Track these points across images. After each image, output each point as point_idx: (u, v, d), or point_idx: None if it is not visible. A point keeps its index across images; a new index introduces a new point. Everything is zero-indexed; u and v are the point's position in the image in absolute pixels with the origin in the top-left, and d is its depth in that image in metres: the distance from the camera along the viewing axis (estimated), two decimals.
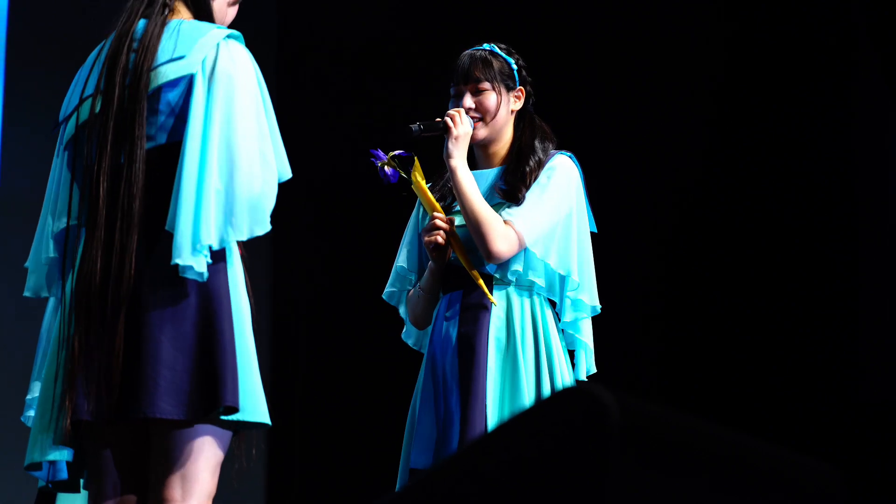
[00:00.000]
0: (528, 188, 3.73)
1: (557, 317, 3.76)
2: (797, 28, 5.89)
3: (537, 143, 3.81)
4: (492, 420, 3.59)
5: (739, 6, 6.03)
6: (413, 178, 3.73)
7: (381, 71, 6.54)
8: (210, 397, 2.70)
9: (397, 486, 3.74)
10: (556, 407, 1.75)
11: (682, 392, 5.96)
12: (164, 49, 2.81)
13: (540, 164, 3.77)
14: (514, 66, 3.83)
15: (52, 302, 3.91)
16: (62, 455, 2.84)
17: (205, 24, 2.86)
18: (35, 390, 3.92)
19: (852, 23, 5.78)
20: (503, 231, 3.66)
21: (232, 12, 3.00)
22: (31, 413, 3.94)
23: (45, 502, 3.88)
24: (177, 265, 2.69)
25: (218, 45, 2.80)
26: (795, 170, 5.87)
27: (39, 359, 3.95)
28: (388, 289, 3.91)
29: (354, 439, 6.42)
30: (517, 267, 3.70)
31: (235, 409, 2.71)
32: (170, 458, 2.75)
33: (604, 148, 5.91)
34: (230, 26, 2.97)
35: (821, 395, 5.72)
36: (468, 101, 3.77)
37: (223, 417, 2.74)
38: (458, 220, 3.74)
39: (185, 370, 2.71)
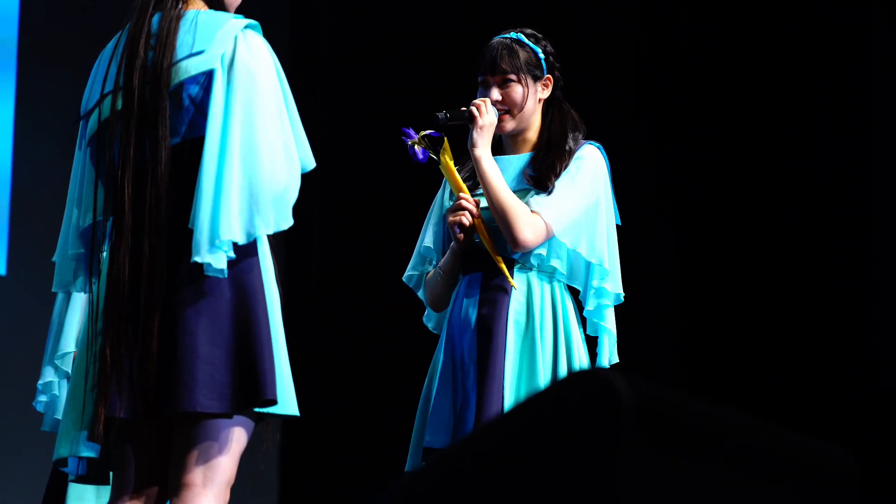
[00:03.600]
0: (556, 176, 3.72)
1: (578, 304, 3.75)
2: (817, 22, 5.87)
3: (567, 132, 3.80)
4: (508, 402, 3.59)
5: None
6: (442, 158, 3.73)
7: (397, 57, 6.53)
8: (250, 391, 2.71)
9: (407, 465, 3.75)
10: (568, 390, 1.74)
11: (704, 380, 5.95)
12: (183, 44, 2.80)
13: (570, 154, 3.76)
14: (542, 55, 3.81)
15: (61, 293, 3.91)
16: (91, 451, 2.85)
17: (222, 15, 2.85)
18: (47, 375, 3.94)
19: (870, 17, 5.76)
20: (530, 220, 3.65)
21: None
22: (44, 398, 3.96)
23: (54, 498, 3.89)
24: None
25: (236, 37, 2.79)
26: (815, 161, 5.87)
27: (51, 345, 3.97)
28: (409, 272, 3.90)
29: (368, 423, 6.42)
30: (540, 251, 3.70)
31: (274, 402, 2.72)
32: (195, 447, 2.76)
33: (627, 138, 5.90)
34: (242, 5, 2.96)
35: (842, 383, 5.71)
36: (495, 93, 3.77)
37: (258, 410, 2.76)
38: (483, 203, 3.73)
39: (223, 364, 2.71)
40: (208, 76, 2.77)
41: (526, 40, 3.81)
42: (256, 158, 2.73)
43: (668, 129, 6.17)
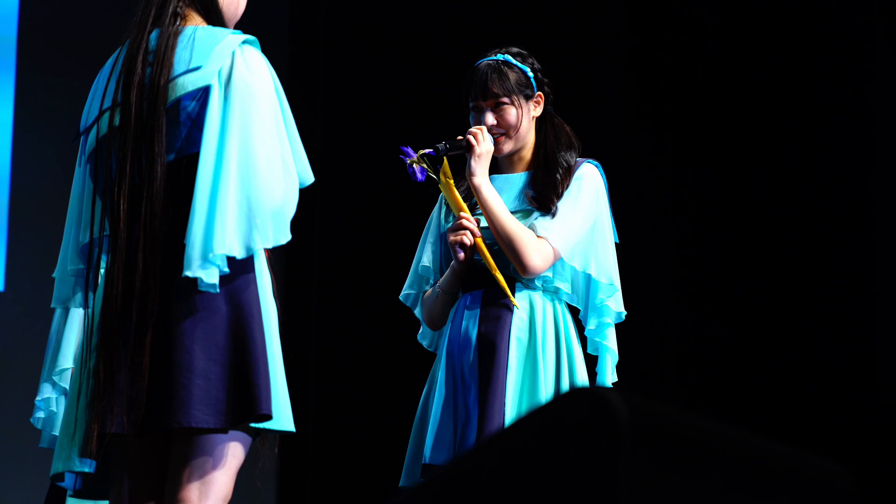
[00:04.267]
0: (559, 197, 3.72)
1: (578, 323, 3.75)
2: (815, 23, 5.88)
3: (562, 148, 3.80)
4: (510, 420, 3.58)
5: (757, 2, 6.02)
6: (441, 177, 3.72)
7: (396, 71, 6.54)
8: (245, 406, 2.71)
9: (402, 480, 3.75)
10: (565, 407, 1.74)
11: (702, 395, 5.95)
12: (180, 60, 2.80)
13: (569, 172, 3.77)
14: (530, 73, 3.81)
15: (59, 309, 3.92)
16: (86, 466, 2.85)
17: (219, 31, 2.85)
18: (45, 391, 3.95)
19: (869, 18, 5.77)
20: (537, 246, 3.66)
21: (242, 4, 2.98)
22: (41, 415, 3.96)
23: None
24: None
25: (233, 52, 2.79)
26: (810, 168, 5.87)
27: (48, 361, 3.97)
28: (405, 290, 3.90)
29: (366, 440, 6.41)
30: (546, 273, 3.70)
31: (269, 417, 2.72)
32: (191, 462, 2.76)
33: (621, 152, 5.90)
34: (242, 18, 2.96)
35: (839, 394, 5.71)
36: (489, 118, 3.77)
37: (254, 425, 2.76)
38: (483, 222, 3.73)
39: (218, 379, 2.71)
40: (205, 92, 2.77)
41: (513, 60, 3.80)
42: (253, 173, 2.73)
43: (664, 141, 6.17)
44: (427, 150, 3.74)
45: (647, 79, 6.21)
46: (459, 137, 3.74)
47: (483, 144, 3.72)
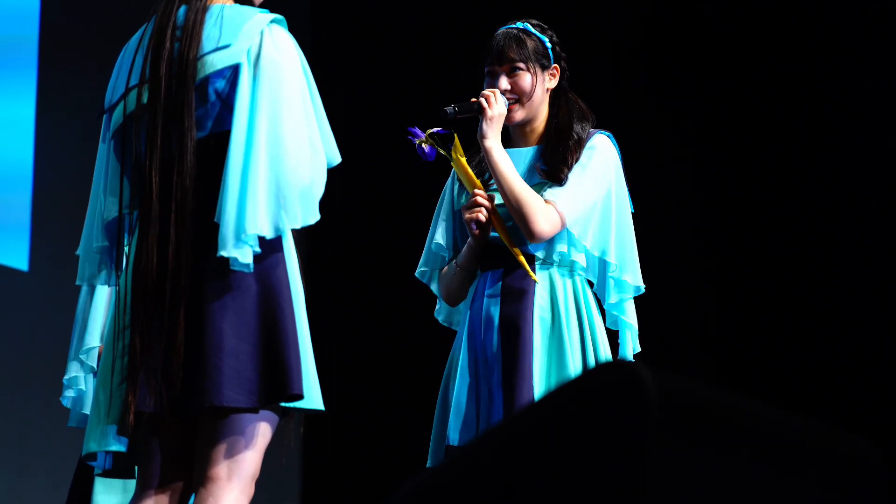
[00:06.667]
0: (569, 168, 3.72)
1: (597, 297, 3.75)
2: (841, 18, 5.87)
3: (575, 122, 3.79)
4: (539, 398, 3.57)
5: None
6: (453, 155, 3.71)
7: (413, 50, 6.54)
8: (277, 385, 2.72)
9: (429, 461, 3.76)
10: (594, 381, 1.75)
11: (727, 371, 5.95)
12: (209, 37, 2.81)
13: (580, 144, 3.76)
14: (548, 44, 3.81)
15: (85, 288, 3.93)
16: (120, 445, 2.86)
17: (247, 9, 2.86)
18: (73, 370, 3.95)
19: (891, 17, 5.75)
20: (545, 211, 3.65)
21: None
22: (70, 393, 3.97)
23: (79, 492, 3.90)
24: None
25: (262, 32, 2.80)
26: (835, 152, 5.85)
27: (75, 340, 3.98)
28: (420, 268, 3.91)
29: (389, 417, 6.43)
30: (562, 248, 3.69)
31: (301, 397, 2.73)
32: (221, 441, 2.77)
33: (642, 127, 5.89)
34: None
35: (863, 373, 5.70)
36: (503, 82, 3.76)
37: (284, 404, 2.77)
38: (498, 198, 3.73)
39: (249, 359, 2.72)
40: (234, 70, 2.78)
41: (533, 30, 3.81)
42: (282, 153, 2.74)
43: (682, 115, 6.16)
44: (436, 129, 3.73)
45: (664, 54, 6.19)
46: (472, 100, 3.73)
47: (496, 107, 3.70)
